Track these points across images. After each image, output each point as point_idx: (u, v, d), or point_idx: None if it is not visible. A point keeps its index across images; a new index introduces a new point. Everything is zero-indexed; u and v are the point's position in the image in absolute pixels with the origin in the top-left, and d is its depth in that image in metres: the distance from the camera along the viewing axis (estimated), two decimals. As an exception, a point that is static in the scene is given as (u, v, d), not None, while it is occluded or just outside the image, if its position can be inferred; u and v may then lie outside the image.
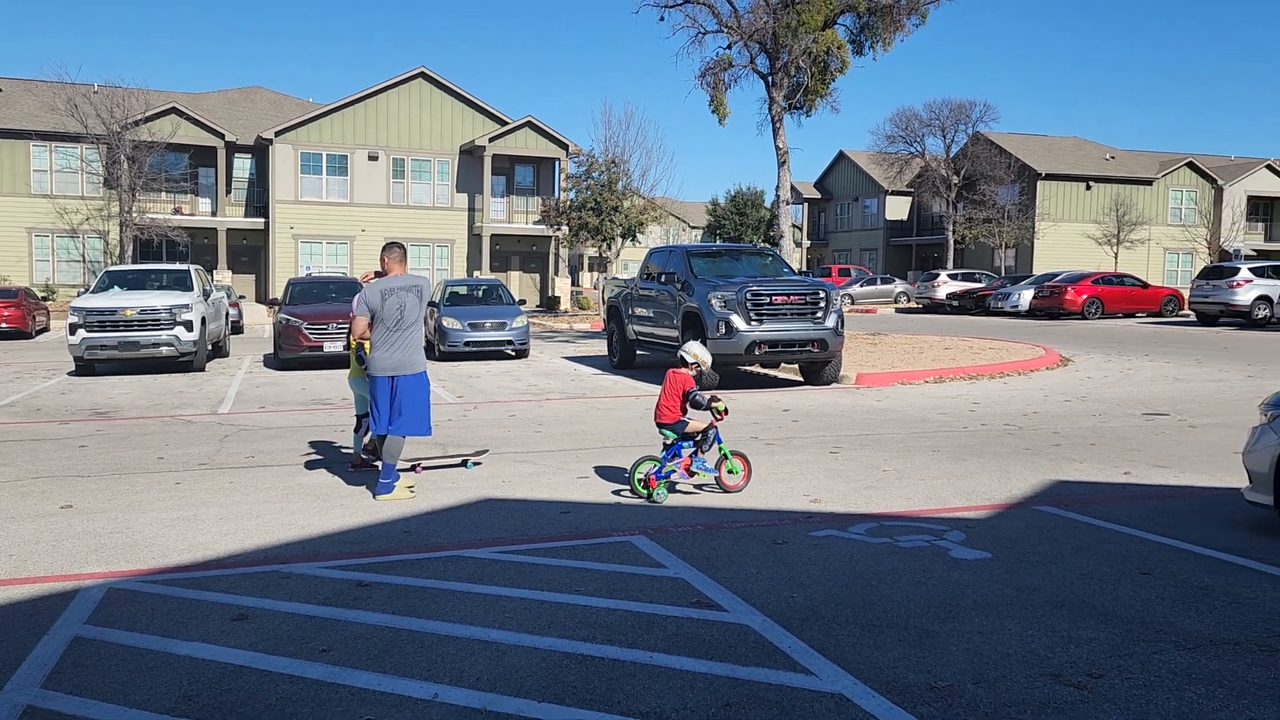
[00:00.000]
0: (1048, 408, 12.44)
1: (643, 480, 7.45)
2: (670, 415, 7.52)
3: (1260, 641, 4.42)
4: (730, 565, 5.69)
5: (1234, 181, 54.19)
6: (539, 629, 4.67)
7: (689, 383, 7.62)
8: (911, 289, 44.56)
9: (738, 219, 67.11)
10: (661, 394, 7.62)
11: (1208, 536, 6.24)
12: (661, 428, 7.58)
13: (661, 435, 7.62)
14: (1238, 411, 11.95)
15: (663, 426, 7.56)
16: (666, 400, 7.54)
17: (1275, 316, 27.88)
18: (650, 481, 7.41)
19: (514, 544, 6.24)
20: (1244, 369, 16.83)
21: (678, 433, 7.55)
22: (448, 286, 22.41)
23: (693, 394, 7.55)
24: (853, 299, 44.43)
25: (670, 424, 7.55)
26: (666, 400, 7.54)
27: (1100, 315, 33.87)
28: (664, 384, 7.67)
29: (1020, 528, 6.53)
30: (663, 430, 7.57)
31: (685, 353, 7.78)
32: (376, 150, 40.99)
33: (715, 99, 21.54)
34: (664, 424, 7.55)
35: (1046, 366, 17.41)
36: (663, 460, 7.51)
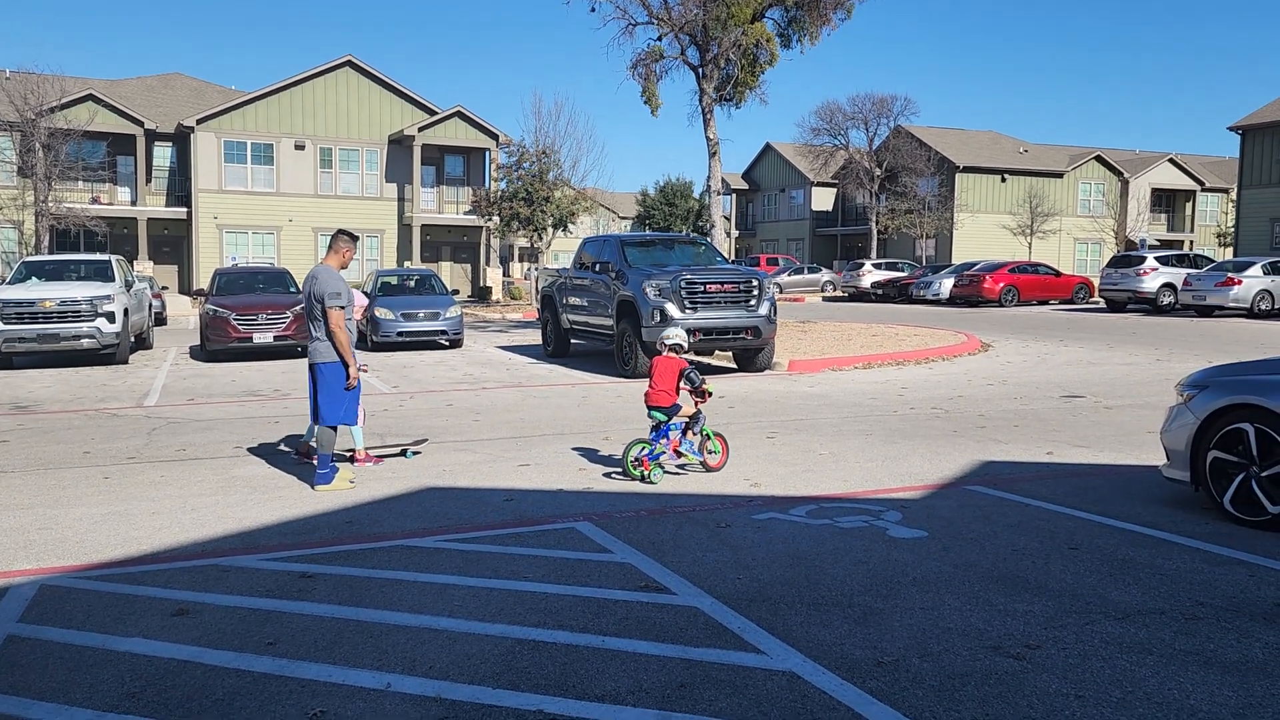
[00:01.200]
0: (972, 391, 12.72)
1: (636, 462, 7.53)
2: (668, 399, 7.64)
3: (1184, 610, 4.58)
4: (676, 549, 5.70)
5: (1139, 175, 56.04)
6: (489, 616, 4.62)
7: (682, 363, 7.77)
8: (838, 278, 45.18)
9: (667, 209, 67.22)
10: (654, 379, 7.72)
11: (1130, 511, 6.45)
12: (653, 410, 7.69)
13: (651, 418, 7.73)
14: (1149, 393, 12.37)
15: (655, 409, 7.67)
16: (662, 384, 7.65)
17: (1179, 303, 28.94)
18: (644, 464, 7.50)
19: (459, 532, 6.16)
20: (1152, 353, 17.43)
21: (670, 415, 7.68)
22: (379, 277, 22.06)
23: (689, 372, 7.72)
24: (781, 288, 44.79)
25: (666, 407, 7.66)
26: (662, 384, 7.65)
27: (1016, 303, 34.76)
28: (654, 370, 7.77)
29: (953, 507, 6.67)
30: (654, 413, 7.69)
31: (675, 340, 7.91)
32: (303, 139, 40.06)
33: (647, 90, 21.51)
34: (659, 407, 7.66)
35: (969, 352, 17.81)
36: (653, 442, 7.62)
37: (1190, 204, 58.67)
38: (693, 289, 14.18)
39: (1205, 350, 17.65)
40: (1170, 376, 13.90)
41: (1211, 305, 27.47)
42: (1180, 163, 57.75)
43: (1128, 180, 55.51)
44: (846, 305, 37.38)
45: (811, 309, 34.90)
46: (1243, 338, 20.36)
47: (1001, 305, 34.32)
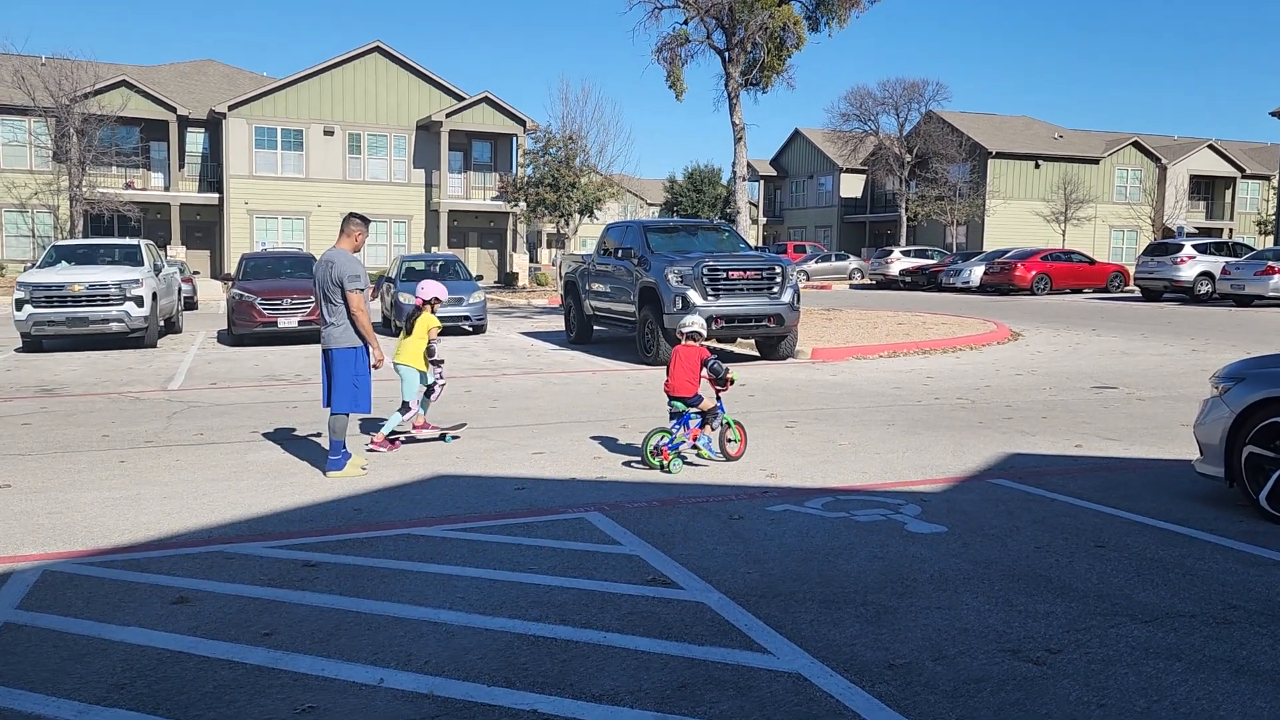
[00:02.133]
0: (999, 381, 12.45)
1: (655, 451, 7.40)
2: (690, 388, 7.50)
3: (1215, 614, 4.36)
4: (686, 541, 5.55)
5: (1177, 161, 54.97)
6: (491, 609, 4.49)
7: (704, 352, 7.62)
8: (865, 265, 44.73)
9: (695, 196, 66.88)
10: (674, 367, 7.57)
11: (1160, 509, 6.21)
12: (674, 400, 7.56)
13: (671, 406, 7.59)
14: (1183, 385, 12.04)
15: (676, 399, 7.54)
16: (684, 373, 7.50)
17: (1217, 292, 28.30)
18: (664, 453, 7.37)
19: (466, 521, 6.04)
20: (1188, 343, 17.02)
21: (692, 405, 7.54)
22: (404, 262, 22.03)
23: (712, 361, 7.57)
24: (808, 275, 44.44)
25: (688, 397, 7.52)
26: (684, 373, 7.50)
27: (1049, 291, 34.20)
28: (674, 359, 7.62)
29: (975, 501, 6.46)
30: (674, 402, 7.56)
31: (693, 328, 7.76)
32: (332, 125, 40.17)
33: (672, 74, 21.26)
34: (680, 397, 7.52)
35: (998, 341, 17.49)
36: (674, 431, 7.48)
37: (1230, 191, 57.49)
38: (715, 276, 13.99)
39: (1243, 341, 17.21)
40: (1206, 368, 13.53)
41: (1251, 294, 26.83)
42: (1220, 149, 56.59)
43: (1165, 166, 54.48)
44: (874, 293, 36.97)
45: (838, 296, 34.54)
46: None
47: (1033, 293, 33.78)
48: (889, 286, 40.29)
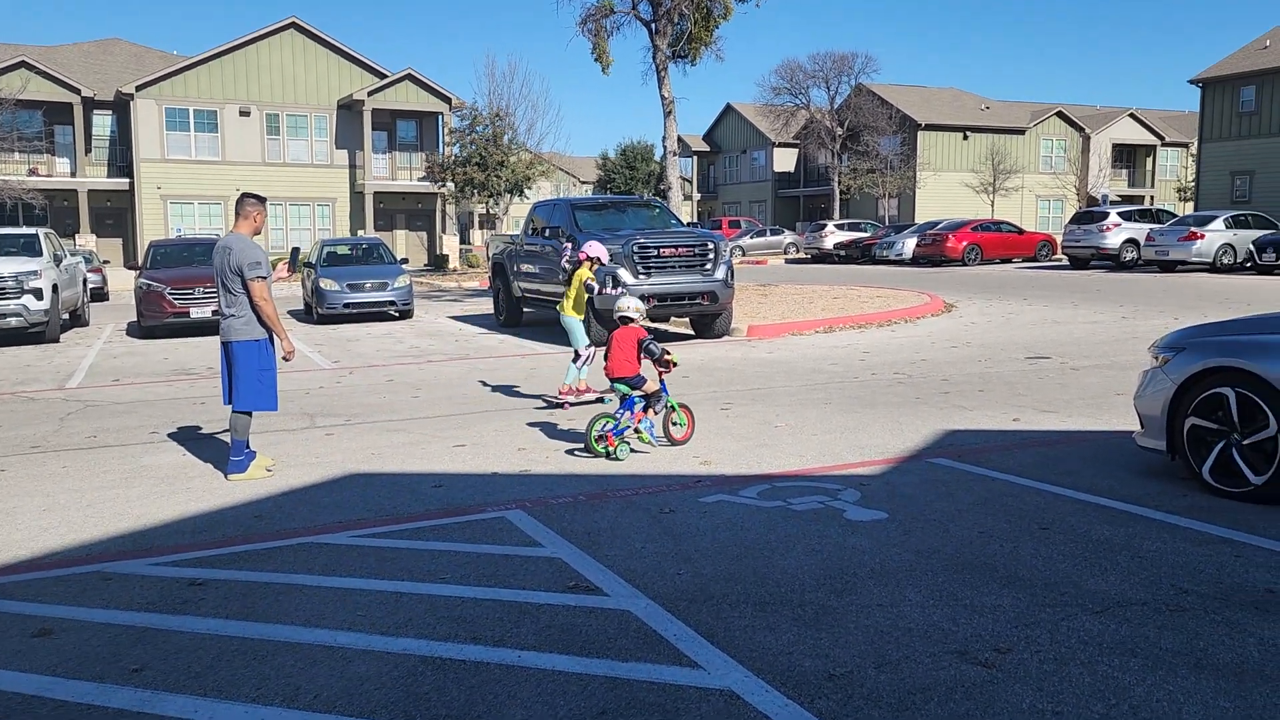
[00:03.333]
0: (935, 354, 12.32)
1: (600, 438, 7.12)
2: (629, 368, 7.29)
3: (1167, 600, 4.14)
4: (613, 540, 5.20)
5: (1100, 130, 55.95)
6: (394, 628, 4.09)
7: (642, 333, 7.41)
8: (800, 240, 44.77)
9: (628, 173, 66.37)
10: (613, 349, 7.34)
11: (1102, 484, 6.03)
12: (616, 383, 7.34)
13: (615, 390, 7.40)
14: (1116, 353, 12.03)
15: (618, 381, 7.32)
16: (622, 354, 7.30)
17: (1142, 258, 28.77)
18: (609, 440, 7.10)
19: (376, 526, 5.61)
20: (1117, 310, 17.15)
21: (634, 387, 7.32)
22: (325, 246, 21.29)
23: (647, 343, 7.34)
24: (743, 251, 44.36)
25: (629, 378, 7.30)
26: (622, 354, 7.30)
27: (980, 261, 34.52)
28: (612, 341, 7.39)
29: (915, 483, 6.22)
30: (616, 385, 7.35)
31: (624, 312, 7.51)
32: (248, 105, 38.80)
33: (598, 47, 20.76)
34: (621, 378, 7.31)
35: (932, 313, 17.44)
36: (618, 416, 7.22)
37: (1151, 159, 58.76)
38: (646, 254, 13.65)
39: (1170, 307, 17.40)
40: (1136, 334, 13.58)
41: (1174, 260, 27.32)
42: (1141, 117, 57.76)
43: (1089, 136, 55.42)
44: (809, 267, 37.00)
45: (773, 271, 34.45)
46: (1207, 293, 20.16)
47: (965, 264, 34.06)
48: (824, 260, 40.37)
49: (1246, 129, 37.41)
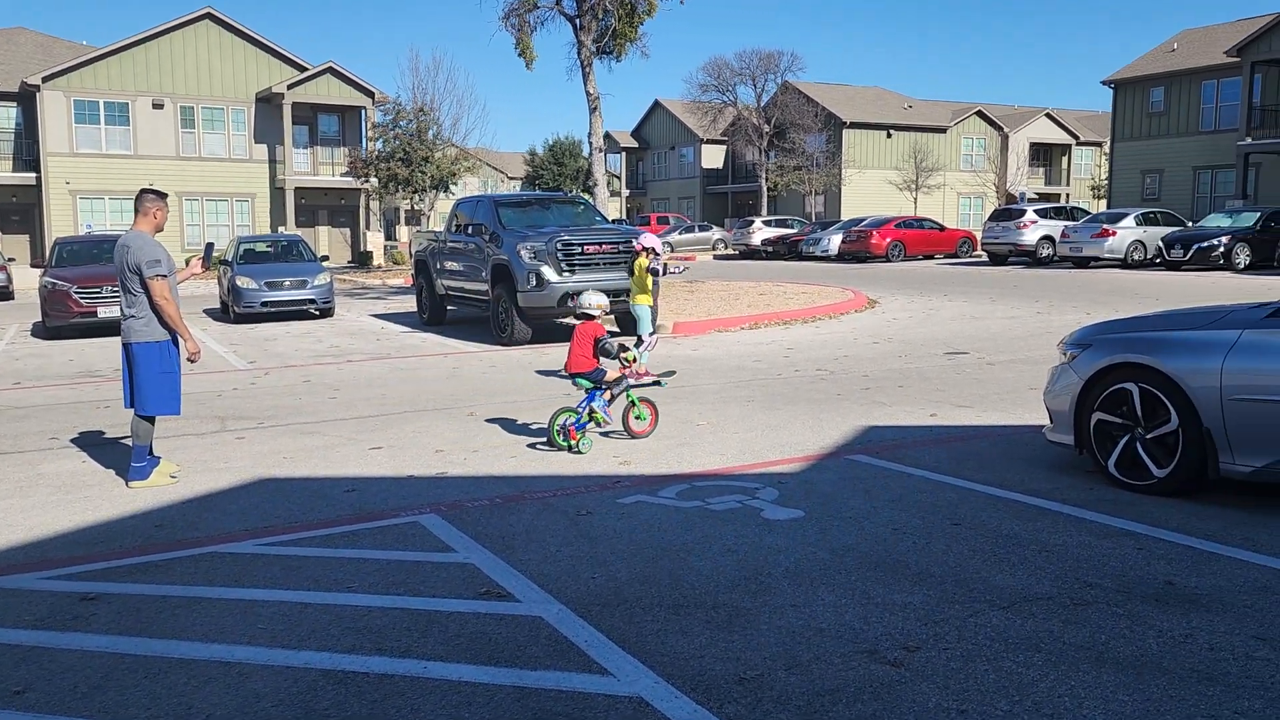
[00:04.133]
0: (858, 350, 12.46)
1: (562, 431, 7.23)
2: (587, 364, 7.37)
3: (1073, 594, 4.22)
4: (528, 544, 5.12)
5: (1018, 129, 57.33)
6: (296, 641, 3.96)
7: (599, 330, 7.48)
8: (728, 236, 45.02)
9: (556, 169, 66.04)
10: (573, 345, 7.42)
11: (1014, 479, 6.14)
12: (576, 378, 7.42)
13: (576, 385, 7.47)
14: (1031, 348, 12.30)
15: (578, 376, 7.41)
16: (580, 350, 7.38)
17: (1057, 255, 29.56)
18: (571, 433, 7.20)
19: (284, 533, 5.45)
20: (1033, 306, 17.56)
21: (595, 381, 7.41)
22: (241, 243, 20.74)
23: (603, 341, 7.39)
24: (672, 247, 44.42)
25: (588, 372, 7.38)
26: (580, 350, 7.38)
27: (903, 258, 35.10)
28: (574, 336, 7.45)
29: (833, 480, 6.26)
30: (577, 380, 7.43)
31: (588, 307, 7.59)
32: (162, 98, 37.62)
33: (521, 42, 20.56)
34: (580, 373, 7.39)
35: (856, 309, 17.65)
36: (580, 410, 7.34)
37: (1066, 158, 60.40)
38: (570, 251, 13.55)
39: (1083, 302, 17.88)
40: (1051, 329, 13.91)
41: (1088, 256, 28.11)
42: (1056, 117, 59.31)
43: (1007, 135, 56.74)
44: (737, 263, 37.23)
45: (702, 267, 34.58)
46: (1119, 289, 20.78)
47: (888, 260, 34.61)
48: (752, 256, 40.67)
49: (1156, 129, 38.68)
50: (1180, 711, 3.18)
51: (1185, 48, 39.57)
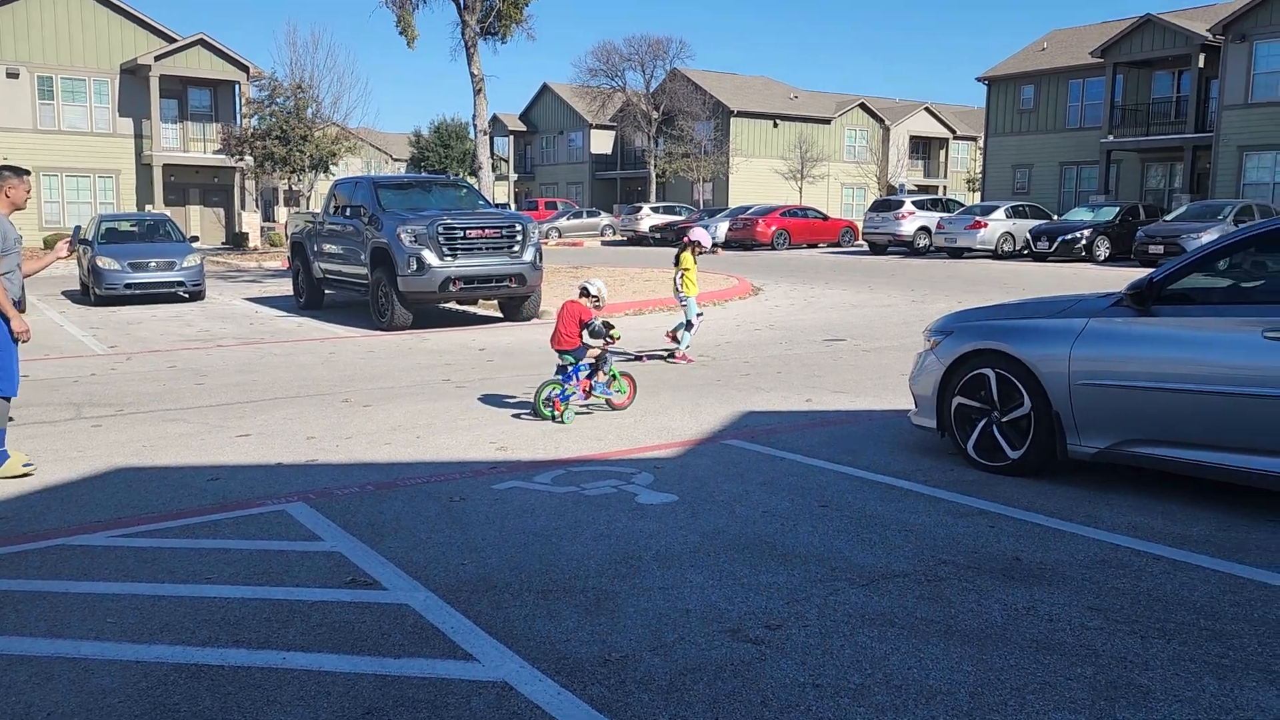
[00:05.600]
0: (740, 337, 12.68)
1: (548, 402, 7.68)
2: (571, 342, 7.83)
3: (927, 571, 4.41)
4: (398, 532, 5.06)
5: (899, 122, 59.11)
6: (147, 635, 3.83)
7: (586, 313, 7.89)
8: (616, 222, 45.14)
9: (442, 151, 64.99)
10: (559, 323, 7.86)
11: (881, 462, 6.36)
12: (562, 354, 7.88)
13: (561, 360, 7.91)
14: (904, 335, 12.74)
15: (564, 353, 7.86)
16: (565, 328, 7.81)
17: (934, 245, 30.65)
18: (555, 405, 7.67)
19: (141, 524, 5.25)
20: (909, 294, 18.17)
21: (579, 358, 7.85)
22: (103, 222, 19.80)
23: (592, 324, 7.86)
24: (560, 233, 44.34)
25: (572, 350, 7.84)
26: (565, 328, 7.81)
27: (788, 246, 35.84)
28: (561, 313, 7.90)
29: (708, 465, 6.38)
30: (564, 356, 7.87)
31: (589, 285, 8.13)
32: (16, 66, 35.45)
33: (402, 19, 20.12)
34: (565, 350, 7.84)
35: (740, 296, 17.95)
36: (564, 383, 7.76)
37: (944, 151, 62.56)
38: (452, 235, 13.40)
39: (955, 290, 18.59)
40: (925, 317, 14.43)
41: (962, 247, 29.25)
42: (935, 111, 61.33)
43: (889, 128, 58.42)
44: (625, 249, 37.39)
45: (589, 253, 34.60)
46: (988, 278, 21.68)
47: (774, 248, 35.28)
48: (640, 243, 40.88)
49: (1027, 125, 40.41)
50: (1018, 680, 3.37)
51: (1054, 47, 41.41)
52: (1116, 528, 4.98)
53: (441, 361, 11.02)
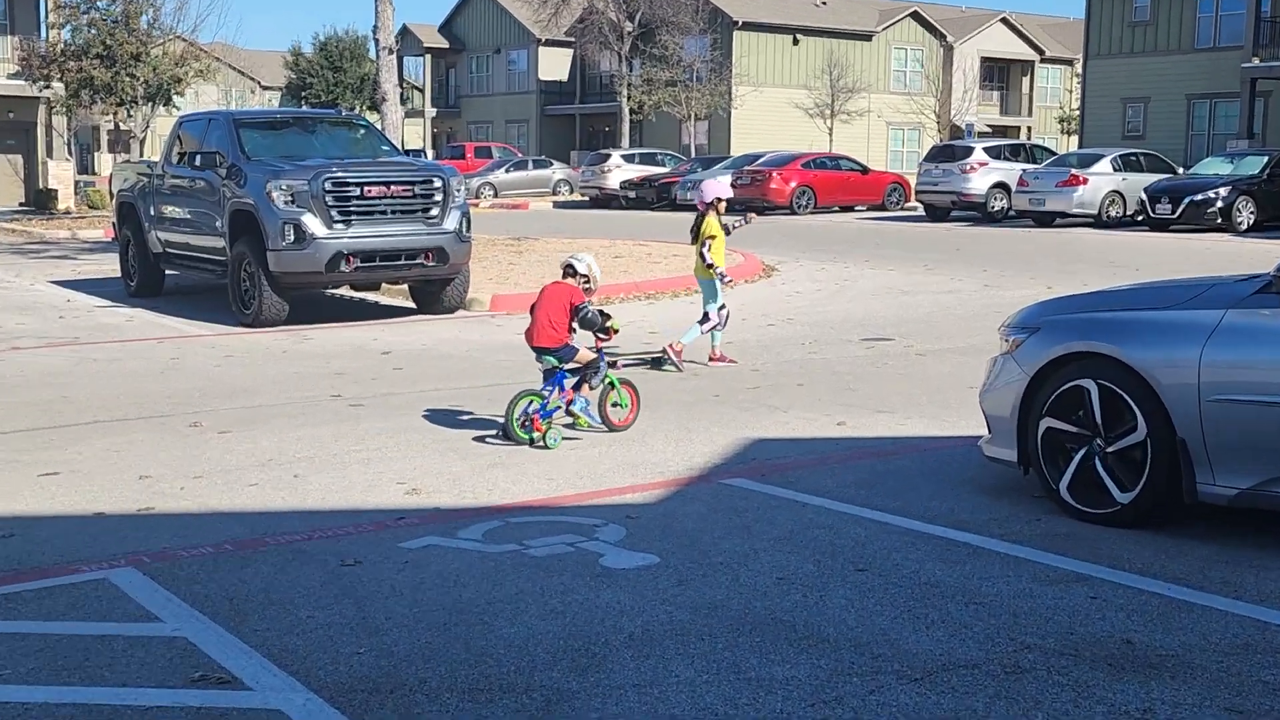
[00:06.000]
0: (745, 335, 12.75)
1: (524, 421, 7.81)
2: (555, 336, 7.98)
3: (1006, 659, 4.44)
4: (268, 608, 5.05)
5: (966, 38, 59.71)
6: (-87, 757, 3.80)
7: (578, 295, 8.10)
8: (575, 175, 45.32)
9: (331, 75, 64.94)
10: (539, 311, 8.03)
11: (940, 508, 6.41)
12: (542, 353, 8.05)
13: (541, 362, 8.12)
14: (974, 332, 12.85)
15: (544, 351, 8.04)
16: (551, 317, 7.97)
17: (1014, 208, 30.92)
18: (534, 423, 7.82)
19: (-97, 601, 5.20)
20: (981, 276, 18.33)
21: (563, 360, 8.04)
22: None
23: (585, 309, 8.02)
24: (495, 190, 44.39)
25: (555, 348, 7.99)
26: (551, 317, 7.97)
27: (813, 208, 36.12)
28: (541, 298, 8.10)
29: (701, 513, 6.40)
30: (544, 356, 8.06)
31: (576, 261, 8.33)
32: None
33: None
34: (546, 348, 8.01)
35: (746, 279, 18.05)
36: (546, 394, 7.97)
37: (1028, 78, 63.25)
38: (344, 193, 13.49)
39: (1044, 272, 18.77)
40: (1001, 307, 14.52)
41: (1053, 211, 29.56)
42: (1016, 24, 62.06)
43: (952, 46, 59.00)
44: (587, 213, 37.53)
45: (537, 219, 34.68)
46: (1088, 254, 21.91)
47: (793, 212, 35.53)
48: (607, 204, 41.06)
49: (1141, 43, 40.85)
50: (1131, 809, 3.40)
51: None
52: (1265, 598, 5.04)
53: (330, 370, 11.02)
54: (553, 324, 7.94)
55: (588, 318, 8.01)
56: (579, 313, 7.99)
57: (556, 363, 8.01)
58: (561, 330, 7.97)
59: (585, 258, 8.41)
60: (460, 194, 14.30)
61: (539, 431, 7.81)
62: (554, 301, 8.01)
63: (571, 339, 8.04)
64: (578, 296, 8.07)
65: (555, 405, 7.95)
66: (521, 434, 7.80)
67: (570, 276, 8.24)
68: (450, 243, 13.99)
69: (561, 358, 8.00)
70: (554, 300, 8.02)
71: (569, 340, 8.01)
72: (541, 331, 7.95)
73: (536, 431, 7.82)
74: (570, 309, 7.98)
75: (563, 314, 7.97)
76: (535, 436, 7.81)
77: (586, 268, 8.29)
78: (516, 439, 7.79)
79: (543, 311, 8.00)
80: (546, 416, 7.85)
